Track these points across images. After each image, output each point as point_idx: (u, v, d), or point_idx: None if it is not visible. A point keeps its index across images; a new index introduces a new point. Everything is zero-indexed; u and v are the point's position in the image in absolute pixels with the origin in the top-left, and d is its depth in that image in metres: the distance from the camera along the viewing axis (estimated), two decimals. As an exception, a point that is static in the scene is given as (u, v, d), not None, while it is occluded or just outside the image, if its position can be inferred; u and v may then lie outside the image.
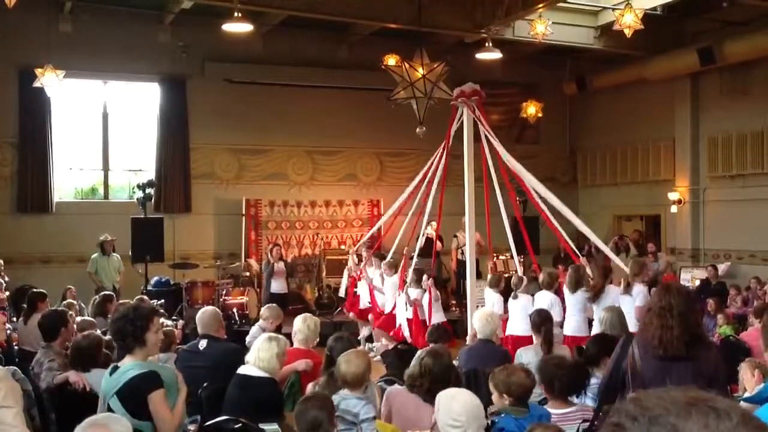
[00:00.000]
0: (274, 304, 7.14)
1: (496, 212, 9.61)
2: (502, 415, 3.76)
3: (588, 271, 8.28)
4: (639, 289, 7.58)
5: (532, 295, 8.31)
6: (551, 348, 5.88)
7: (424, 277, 9.46)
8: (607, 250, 9.62)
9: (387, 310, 10.08)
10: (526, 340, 7.19)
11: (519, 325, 7.98)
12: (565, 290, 7.97)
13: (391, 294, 10.10)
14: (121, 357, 3.80)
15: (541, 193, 9.06)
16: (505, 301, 8.61)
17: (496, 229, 9.80)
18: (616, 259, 9.21)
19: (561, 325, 7.74)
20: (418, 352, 4.50)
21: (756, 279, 11.99)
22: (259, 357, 4.70)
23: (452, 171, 9.85)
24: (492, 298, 8.79)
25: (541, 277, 8.55)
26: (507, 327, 8.15)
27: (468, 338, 7.09)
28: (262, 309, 7.02)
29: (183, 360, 5.44)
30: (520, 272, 9.19)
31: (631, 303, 7.35)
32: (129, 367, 3.63)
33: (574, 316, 7.82)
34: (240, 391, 4.63)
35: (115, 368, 3.71)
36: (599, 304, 7.38)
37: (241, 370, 4.76)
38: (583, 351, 5.24)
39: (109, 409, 3.57)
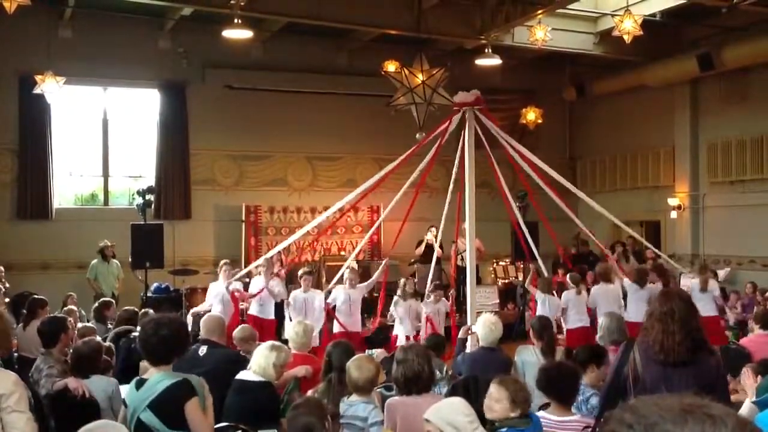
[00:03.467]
0: (247, 325, 6.78)
1: (497, 218, 9.58)
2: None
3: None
4: (714, 284, 9.59)
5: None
6: (554, 352, 5.87)
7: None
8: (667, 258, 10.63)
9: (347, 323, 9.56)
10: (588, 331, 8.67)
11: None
12: (631, 286, 9.06)
13: (345, 307, 9.61)
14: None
15: (576, 193, 9.53)
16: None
17: (499, 235, 9.77)
18: (675, 263, 10.19)
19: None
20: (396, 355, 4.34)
21: (752, 284, 12.00)
22: (258, 363, 4.71)
23: (445, 177, 9.71)
24: (552, 302, 9.30)
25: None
26: (570, 321, 9.15)
27: (461, 332, 6.93)
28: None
29: (181, 366, 5.41)
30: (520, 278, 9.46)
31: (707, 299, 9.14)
32: (159, 378, 3.55)
33: (639, 307, 8.50)
34: (238, 396, 4.63)
35: (141, 381, 3.62)
36: None
37: (239, 375, 4.77)
38: (573, 355, 5.29)
39: (139, 423, 3.48)
